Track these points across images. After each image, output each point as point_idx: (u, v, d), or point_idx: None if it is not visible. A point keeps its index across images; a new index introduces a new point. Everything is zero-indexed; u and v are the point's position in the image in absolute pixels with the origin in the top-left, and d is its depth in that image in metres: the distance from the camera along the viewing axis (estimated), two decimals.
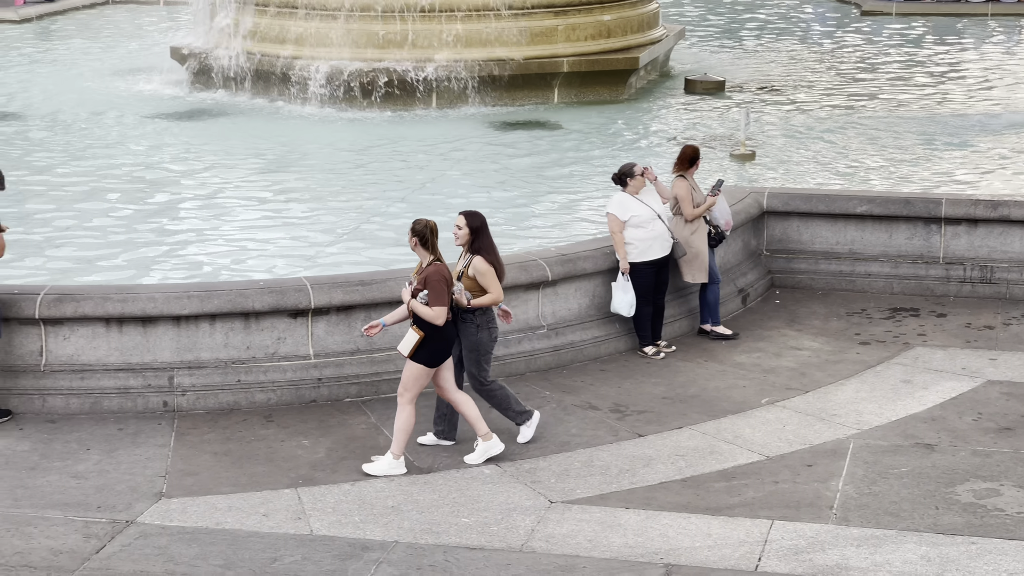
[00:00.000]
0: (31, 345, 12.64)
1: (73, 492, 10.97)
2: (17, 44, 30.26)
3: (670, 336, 14.25)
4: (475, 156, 20.59)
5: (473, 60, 23.67)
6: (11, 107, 23.33)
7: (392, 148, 20.91)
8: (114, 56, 28.81)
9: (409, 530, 10.35)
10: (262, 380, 12.71)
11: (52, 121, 22.37)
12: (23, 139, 21.09)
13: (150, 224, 16.74)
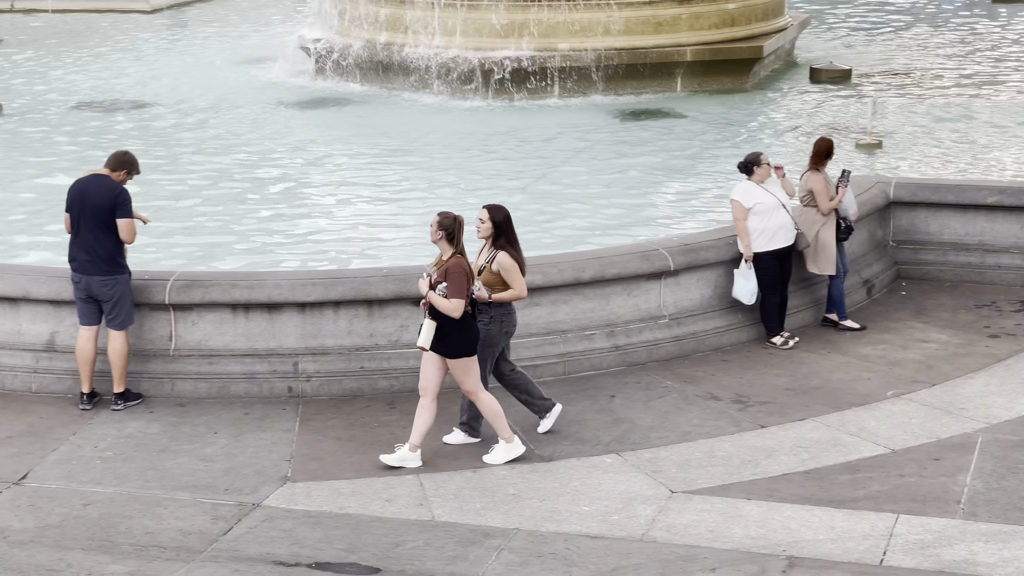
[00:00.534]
0: (161, 330, 12.87)
1: (201, 474, 11.16)
2: (148, 34, 30.78)
3: (794, 327, 14.14)
4: (597, 145, 20.57)
5: (595, 49, 23.63)
6: (141, 95, 23.74)
7: (513, 137, 20.95)
8: (241, 45, 29.19)
9: (530, 517, 10.38)
10: (385, 367, 12.81)
11: (180, 109, 22.73)
12: (153, 127, 21.46)
13: (275, 211, 16.94)
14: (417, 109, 22.83)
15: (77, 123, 21.61)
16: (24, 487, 10.98)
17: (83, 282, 12.32)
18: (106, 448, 11.67)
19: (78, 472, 11.22)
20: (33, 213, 16.69)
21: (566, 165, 19.29)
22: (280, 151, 20.11)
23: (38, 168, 18.86)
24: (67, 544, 10.04)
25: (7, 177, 18.42)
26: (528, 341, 13.06)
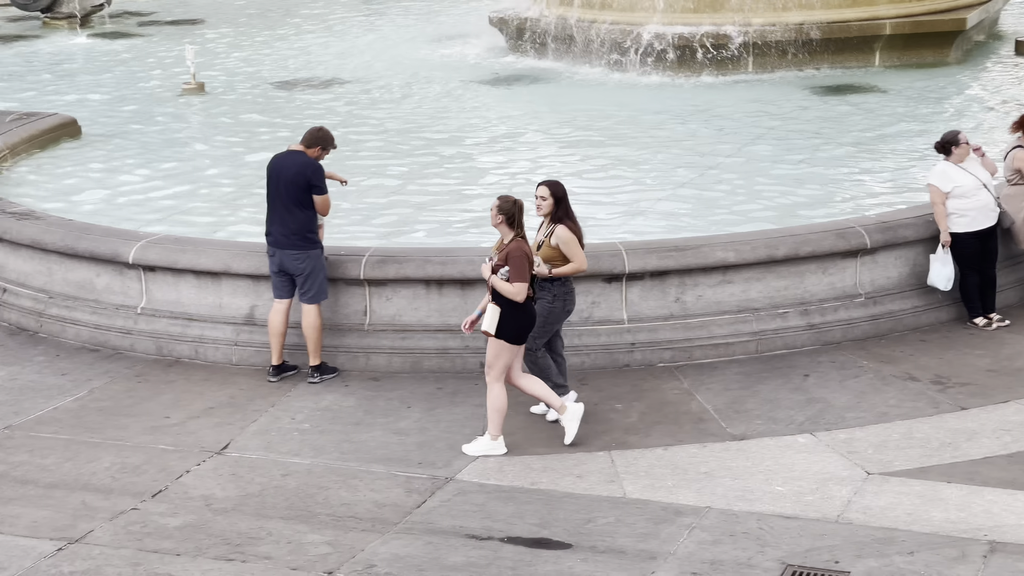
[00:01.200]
0: (356, 305, 13.07)
1: (395, 448, 11.32)
2: (344, 12, 31.21)
3: (998, 306, 13.74)
4: (791, 122, 20.26)
5: (792, 23, 23.25)
6: (337, 73, 24.09)
7: (708, 113, 20.76)
8: (436, 22, 29.42)
9: (722, 496, 10.31)
10: (576, 344, 12.82)
11: (375, 87, 23.00)
12: (348, 105, 21.76)
13: (466, 188, 17.05)
14: (609, 86, 22.75)
15: (275, 101, 22.03)
16: (226, 456, 11.26)
17: (276, 256, 12.56)
18: (303, 420, 11.91)
19: (277, 443, 11.47)
20: (234, 189, 17.07)
21: (759, 142, 19.05)
22: (471, 128, 20.23)
23: (238, 145, 19.28)
24: (267, 513, 10.28)
25: (209, 154, 18.87)
26: (720, 319, 12.97)
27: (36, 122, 19.00)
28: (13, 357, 13.41)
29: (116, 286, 13.74)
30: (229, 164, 18.25)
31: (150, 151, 18.98)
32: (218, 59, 25.55)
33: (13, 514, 10.36)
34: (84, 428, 11.85)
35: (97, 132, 19.86)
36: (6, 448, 11.49)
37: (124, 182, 17.52)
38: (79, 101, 22.05)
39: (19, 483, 10.87)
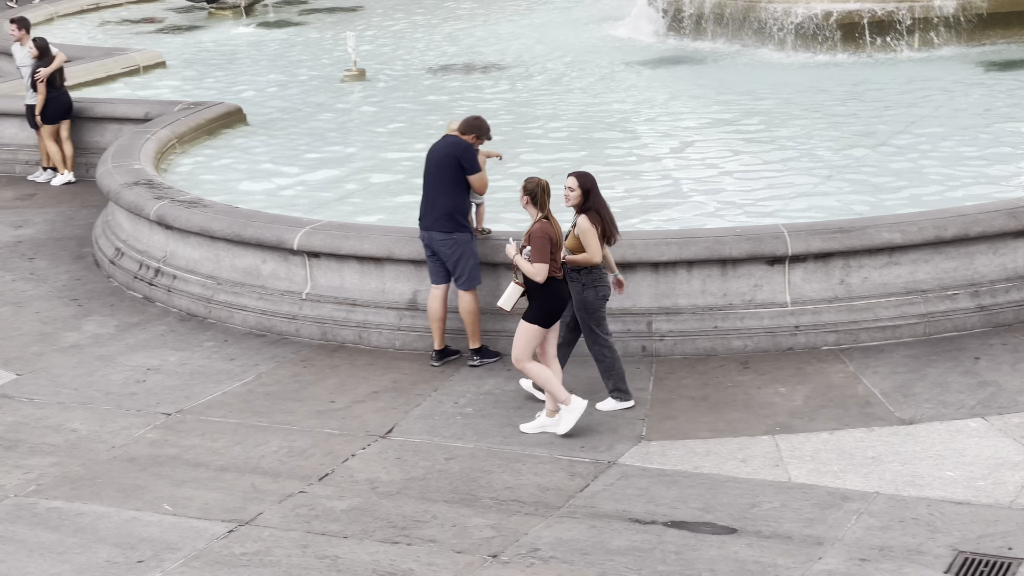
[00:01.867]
0: None
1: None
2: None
3: None
4: (958, 98, 19.84)
5: None
6: (496, 58, 24.18)
7: (872, 92, 20.41)
8: (595, 4, 29.36)
9: (890, 481, 10.14)
10: (739, 327, 12.72)
11: (534, 70, 23.04)
12: (505, 89, 21.83)
13: (625, 170, 16.99)
14: (768, 65, 22.50)
15: (435, 87, 22.19)
16: (390, 440, 11.39)
17: (427, 239, 12.63)
18: (466, 404, 11.99)
19: (440, 427, 11.56)
20: (395, 175, 17.23)
21: (925, 121, 18.68)
22: (629, 110, 20.16)
23: (399, 131, 19.46)
24: (431, 496, 10.37)
25: (370, 141, 19.07)
26: (887, 301, 12.75)
27: (203, 111, 19.38)
28: (184, 343, 13.71)
29: (281, 272, 13.97)
30: (390, 150, 18.43)
31: (313, 138, 19.25)
32: (378, 46, 25.82)
33: (186, 496, 10.61)
34: (252, 412, 12.07)
35: (262, 120, 20.20)
36: (178, 432, 11.76)
37: (288, 169, 17.80)
38: (244, 89, 22.45)
39: (191, 466, 11.12)
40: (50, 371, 13.16)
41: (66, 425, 11.97)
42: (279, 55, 25.59)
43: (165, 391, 12.56)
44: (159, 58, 24.37)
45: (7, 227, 17.61)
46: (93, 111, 19.81)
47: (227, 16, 29.28)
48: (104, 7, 31.00)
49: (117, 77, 23.16)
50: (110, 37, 27.63)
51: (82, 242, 16.86)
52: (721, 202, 15.69)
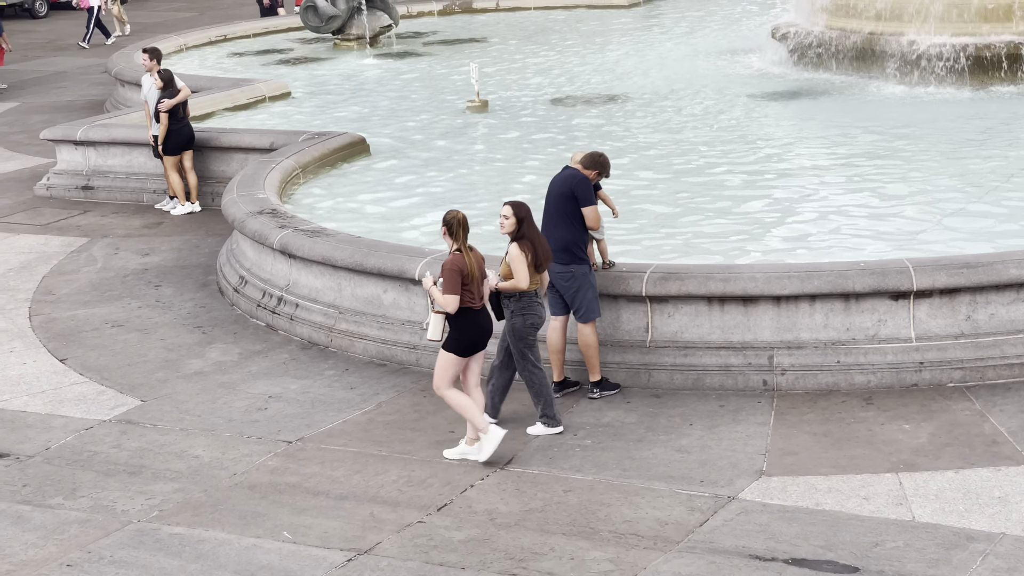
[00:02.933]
0: (637, 321, 13.06)
1: (677, 465, 11.26)
2: (626, 27, 31.33)
3: None
4: None
5: None
6: (618, 88, 24.17)
7: (1000, 126, 20.08)
8: (717, 36, 29.27)
9: (1017, 522, 9.94)
10: (862, 362, 12.55)
11: (654, 101, 22.99)
12: (628, 118, 21.80)
13: (745, 202, 16.86)
14: (893, 98, 22.23)
15: (557, 118, 22.22)
16: (509, 471, 11.38)
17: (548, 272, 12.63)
18: (585, 436, 11.95)
19: (559, 459, 11.53)
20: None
21: None
22: (750, 142, 20.02)
23: (520, 162, 19.50)
24: (549, 528, 10.34)
25: (493, 172, 19.12)
26: (1015, 338, 12.52)
27: (327, 141, 19.59)
28: (305, 371, 13.84)
29: (403, 302, 14.05)
30: (512, 181, 18.46)
31: (436, 168, 19.37)
32: (501, 77, 25.93)
33: (305, 524, 10.68)
34: (372, 441, 12.14)
35: (385, 150, 20.37)
36: (299, 459, 11.85)
37: (411, 199, 17.91)
38: (368, 120, 22.66)
39: (311, 494, 11.20)
40: (174, 398, 13.35)
41: (189, 451, 12.13)
42: (403, 86, 25.81)
43: (286, 419, 12.68)
44: (285, 88, 24.70)
45: (135, 255, 17.92)
46: (219, 141, 20.12)
47: (352, 47, 29.60)
48: (232, 38, 31.49)
49: (243, 107, 23.49)
50: (237, 68, 28.07)
51: (207, 270, 17.11)
52: (844, 235, 15.51)
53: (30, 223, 19.51)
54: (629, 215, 15.57)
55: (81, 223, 19.38)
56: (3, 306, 16.03)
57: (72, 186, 20.98)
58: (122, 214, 19.89)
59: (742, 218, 16.27)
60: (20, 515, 11.10)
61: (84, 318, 15.64)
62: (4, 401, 13.41)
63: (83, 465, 11.95)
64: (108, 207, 20.26)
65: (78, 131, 21.12)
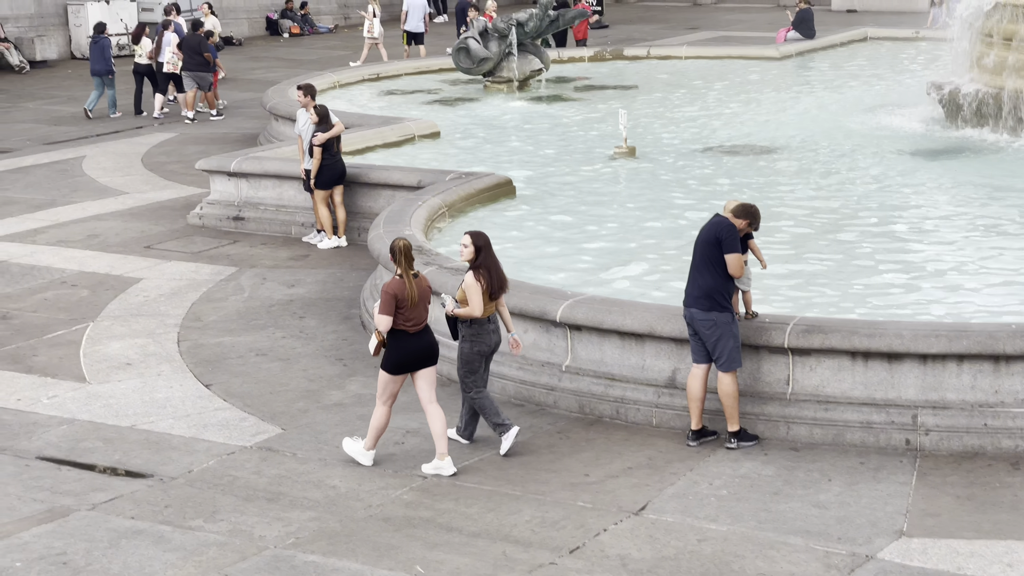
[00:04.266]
0: (778, 373, 12.93)
1: (814, 521, 11.11)
2: (777, 80, 31.19)
3: None
4: None
5: None
6: (767, 140, 24.05)
7: None
8: (869, 91, 29.00)
9: None
10: (1010, 426, 12.30)
11: (803, 154, 22.84)
12: (776, 170, 21.67)
13: (892, 258, 16.64)
14: None
15: (703, 168, 22.15)
16: (643, 518, 11.32)
17: (688, 317, 12.58)
18: (721, 486, 11.85)
19: (694, 507, 11.45)
20: (660, 253, 17.21)
21: None
22: (899, 198, 19.77)
23: (666, 210, 19.47)
24: None
25: (638, 218, 19.10)
26: None
27: (473, 181, 19.74)
28: (443, 407, 13.88)
29: (543, 343, 14.08)
30: (656, 228, 18.44)
31: (581, 212, 19.41)
32: (649, 124, 25.94)
33: (438, 559, 10.72)
34: (506, 480, 12.15)
35: (531, 192, 20.47)
36: (433, 495, 11.91)
37: (554, 242, 17.97)
38: (515, 162, 22.80)
39: (444, 530, 11.24)
40: (313, 428, 13.50)
41: (326, 481, 12.25)
42: (551, 129, 25.94)
43: (422, 454, 12.75)
44: (434, 128, 24.95)
45: (281, 286, 18.20)
46: (368, 177, 20.38)
47: (502, 90, 29.83)
48: (384, 77, 31.92)
49: (393, 145, 23.78)
50: (388, 106, 28.43)
51: (350, 303, 17.31)
52: (993, 296, 15.22)
53: (182, 251, 19.91)
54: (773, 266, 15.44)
55: (231, 252, 19.73)
56: (153, 331, 16.35)
57: (224, 216, 21.39)
58: (270, 245, 20.22)
59: (887, 274, 16.05)
60: (161, 535, 11.30)
61: (230, 345, 15.90)
62: (150, 423, 13.68)
63: (223, 489, 12.14)
64: (257, 238, 20.60)
65: (232, 163, 21.55)
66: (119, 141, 28.61)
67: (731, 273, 12.53)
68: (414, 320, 12.24)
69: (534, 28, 29.82)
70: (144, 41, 31.14)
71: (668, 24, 45.64)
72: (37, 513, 11.75)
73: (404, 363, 12.33)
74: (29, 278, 18.72)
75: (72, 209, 22.57)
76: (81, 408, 14.10)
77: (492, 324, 12.65)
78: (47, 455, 12.98)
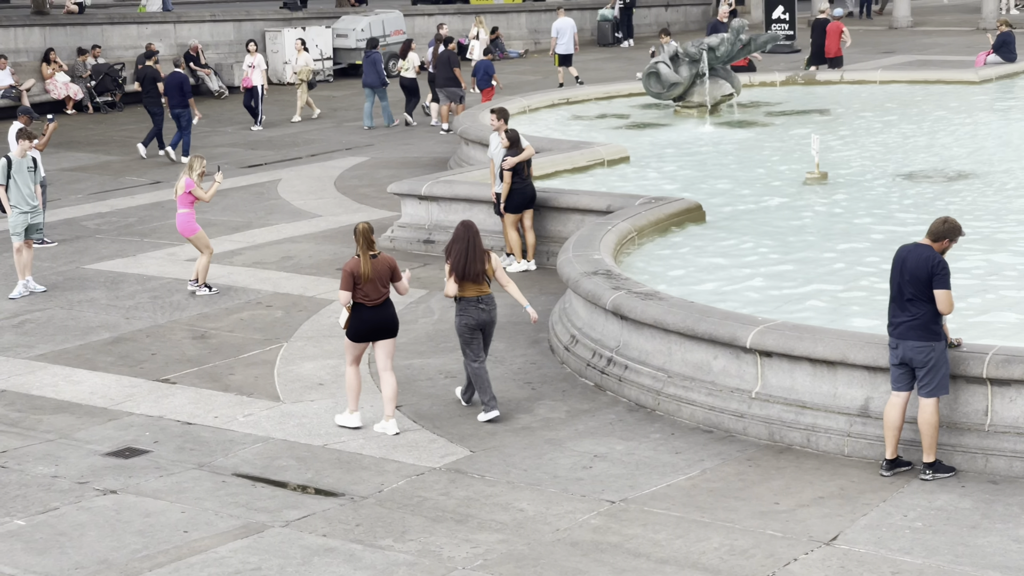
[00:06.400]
0: (976, 404, 12.61)
1: (1014, 556, 10.81)
2: (976, 105, 30.51)
3: None
4: None
5: None
6: (965, 165, 23.53)
7: None
8: None
9: None
10: None
11: (1005, 179, 22.29)
12: (976, 196, 21.19)
13: None
14: None
15: (898, 193, 21.75)
16: (834, 548, 11.12)
17: (899, 348, 12.34)
18: (915, 518, 11.59)
19: (887, 539, 11.21)
20: (852, 280, 16.93)
21: None
22: None
23: (858, 236, 19.14)
24: None
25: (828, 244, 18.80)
26: None
27: (663, 206, 19.68)
28: (631, 433, 13.86)
29: (732, 369, 13.94)
30: (848, 254, 18.16)
31: (771, 238, 19.20)
32: (842, 149, 25.58)
33: None
34: (695, 507, 12.05)
35: (721, 217, 20.32)
36: (621, 520, 11.86)
37: (745, 267, 17.80)
38: (704, 187, 22.66)
39: (632, 555, 11.18)
40: (502, 450, 13.56)
41: (514, 504, 12.28)
42: (741, 154, 25.74)
43: (610, 479, 12.72)
44: (623, 152, 24.95)
45: None
46: (557, 201, 20.44)
47: (692, 114, 29.71)
48: (574, 102, 32.03)
49: (582, 169, 23.83)
50: (578, 131, 28.52)
51: (539, 328, 17.34)
52: None
53: None
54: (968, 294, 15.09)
55: (421, 275, 19.95)
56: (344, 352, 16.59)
57: (414, 239, 21.66)
58: None
59: None
60: (352, 553, 11.45)
61: (419, 367, 16.07)
62: (342, 443, 13.88)
63: (413, 510, 12.25)
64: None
65: (423, 186, 21.81)
66: (313, 165, 29.19)
67: (942, 311, 12.26)
68: (371, 295, 13.86)
69: (725, 52, 29.64)
70: (411, 56, 33.53)
71: (863, 48, 44.99)
72: (233, 529, 12.00)
73: (362, 332, 14.00)
74: (226, 299, 19.17)
75: (267, 231, 23.09)
76: (275, 427, 14.38)
77: (483, 304, 14.41)
78: (243, 472, 13.26)
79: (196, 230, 19.42)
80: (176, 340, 17.47)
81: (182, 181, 19.32)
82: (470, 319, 14.37)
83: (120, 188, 27.69)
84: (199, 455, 13.70)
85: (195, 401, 15.23)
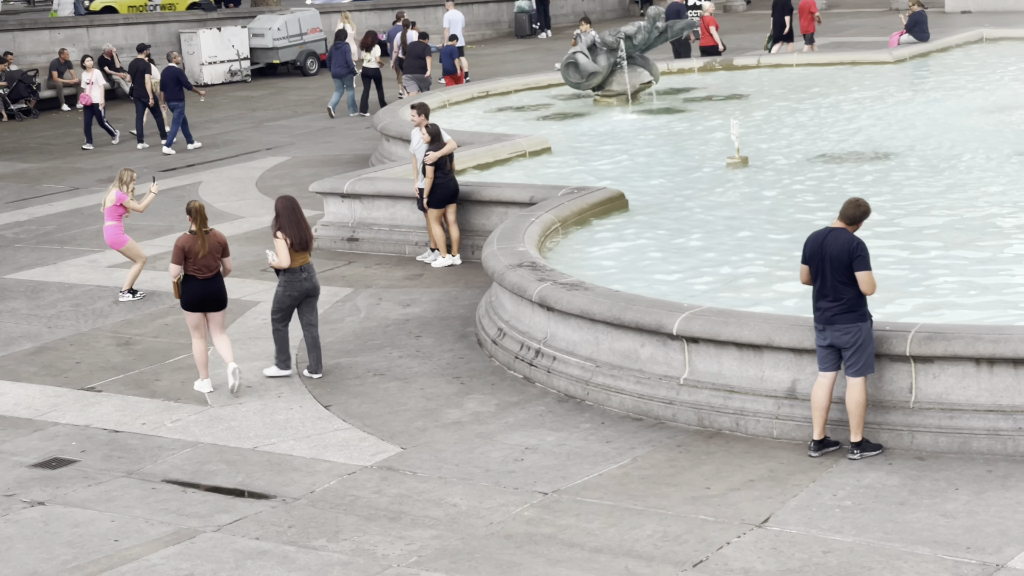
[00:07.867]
0: (900, 382, 12.75)
1: (941, 530, 10.93)
2: (891, 85, 30.81)
3: None
4: None
5: None
6: (883, 145, 23.76)
7: None
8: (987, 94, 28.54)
9: None
10: None
11: (921, 158, 22.52)
12: (895, 176, 21.39)
13: (1012, 263, 16.33)
14: None
15: (818, 176, 21.93)
16: (766, 530, 11.21)
17: (827, 331, 12.44)
18: (845, 497, 11.70)
19: (817, 519, 11.31)
20: (771, 264, 17.05)
21: None
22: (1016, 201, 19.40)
23: (777, 220, 19.29)
24: None
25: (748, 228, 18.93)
26: None
27: (586, 196, 19.72)
28: (561, 424, 13.89)
29: (660, 356, 14.01)
30: (770, 237, 18.28)
31: (693, 224, 19.30)
32: (762, 133, 25.75)
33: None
34: (627, 495, 12.10)
35: (643, 205, 20.39)
36: (554, 511, 11.89)
37: (668, 254, 17.88)
38: (626, 175, 22.74)
39: (566, 546, 11.22)
40: (432, 446, 13.55)
41: (447, 499, 12.28)
42: (662, 142, 25.85)
43: (542, 470, 12.74)
44: (545, 144, 24.97)
45: (396, 305, 18.30)
46: (480, 195, 20.43)
47: (612, 103, 29.78)
48: (493, 95, 32.00)
49: (504, 162, 23.83)
50: (498, 123, 28.52)
51: (466, 322, 17.35)
52: None
53: None
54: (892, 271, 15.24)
55: (346, 274, 19.89)
56: (272, 353, 16.50)
57: (338, 237, 21.58)
58: (385, 265, 20.35)
59: (1008, 277, 15.76)
60: (286, 555, 11.40)
61: (347, 366, 16.02)
62: (272, 444, 13.82)
63: (345, 509, 12.22)
64: (372, 258, 20.76)
65: (345, 184, 21.74)
66: (233, 166, 29.01)
67: (865, 291, 12.37)
68: (203, 268, 15.05)
69: (643, 41, 29.73)
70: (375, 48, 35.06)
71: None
72: (164, 535, 11.92)
73: (193, 302, 15.13)
74: (149, 304, 19.02)
75: None
76: (204, 431, 14.29)
77: (304, 273, 15.46)
78: (172, 478, 13.17)
79: (126, 241, 19.33)
80: (100, 348, 17.31)
81: (112, 193, 19.18)
82: (294, 290, 15.45)
83: (37, 196, 27.41)
84: (127, 463, 13.59)
85: (122, 408, 15.11)
